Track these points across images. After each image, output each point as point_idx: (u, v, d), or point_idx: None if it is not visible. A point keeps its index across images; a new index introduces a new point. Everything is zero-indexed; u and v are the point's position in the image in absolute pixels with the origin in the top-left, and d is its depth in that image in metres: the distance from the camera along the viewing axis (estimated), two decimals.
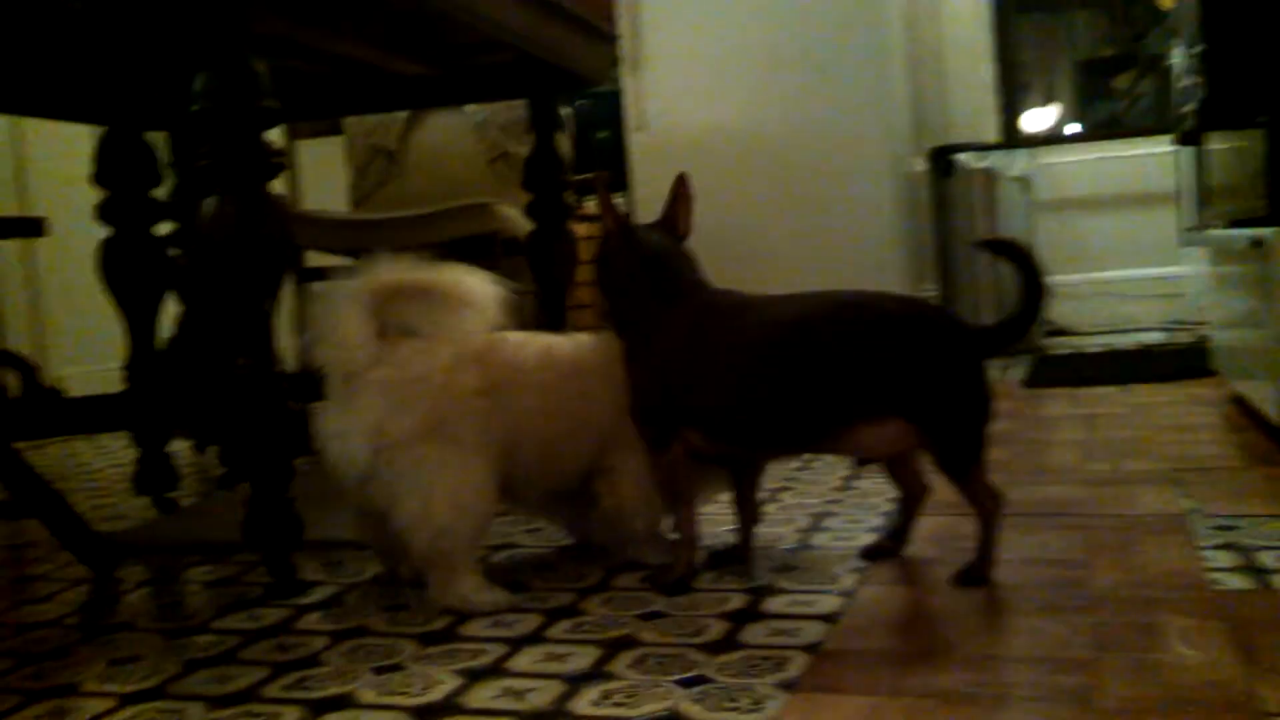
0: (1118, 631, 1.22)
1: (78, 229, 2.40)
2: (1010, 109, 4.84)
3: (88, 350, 3.74)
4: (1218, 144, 2.61)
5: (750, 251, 3.73)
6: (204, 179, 1.57)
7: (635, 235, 1.63)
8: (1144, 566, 1.44)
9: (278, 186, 1.63)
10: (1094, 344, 4.16)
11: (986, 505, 1.44)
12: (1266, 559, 1.43)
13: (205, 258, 1.57)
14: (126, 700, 1.23)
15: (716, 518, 1.77)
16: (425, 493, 1.45)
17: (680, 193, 1.67)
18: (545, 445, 1.56)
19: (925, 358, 1.41)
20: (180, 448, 2.79)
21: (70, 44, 1.88)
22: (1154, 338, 4.19)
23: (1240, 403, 2.57)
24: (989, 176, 4.03)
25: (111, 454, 3.26)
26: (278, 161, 1.59)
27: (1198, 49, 2.42)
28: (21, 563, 1.98)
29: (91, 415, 2.06)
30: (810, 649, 1.23)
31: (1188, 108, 2.65)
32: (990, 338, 1.46)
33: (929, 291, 4.10)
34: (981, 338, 1.46)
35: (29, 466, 1.79)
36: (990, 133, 4.69)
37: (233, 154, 1.55)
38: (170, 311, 2.42)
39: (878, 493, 1.94)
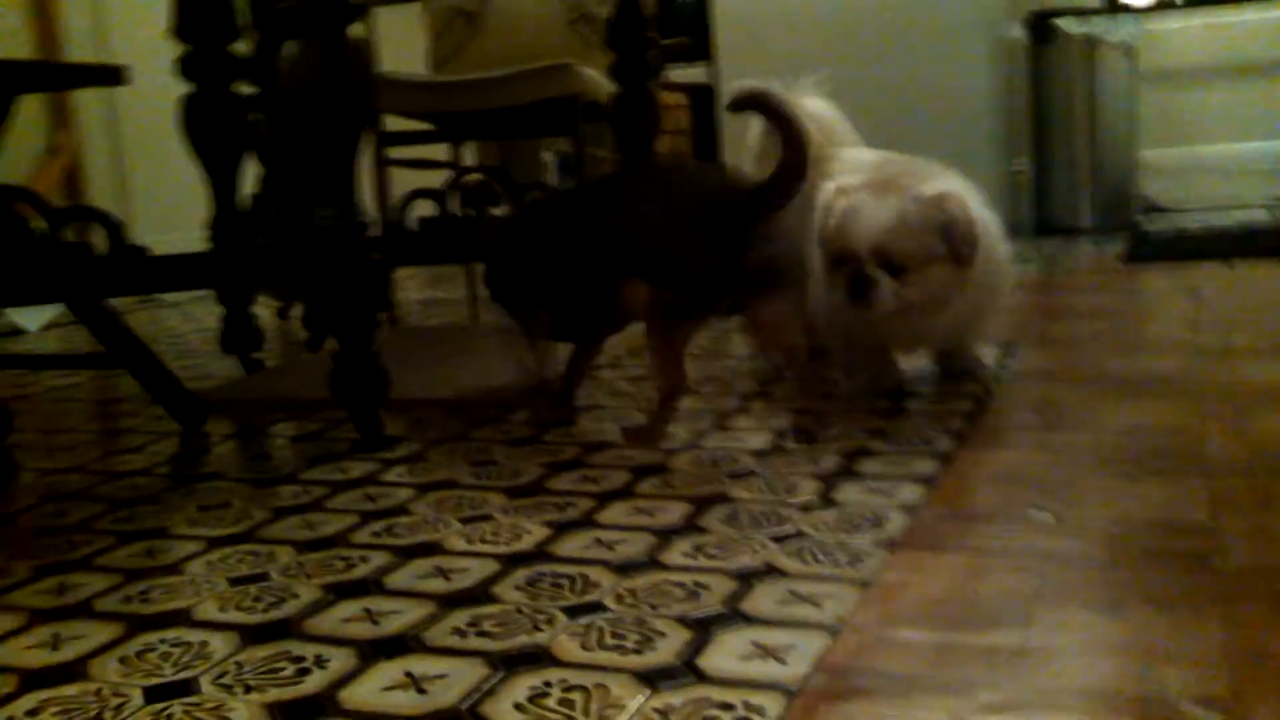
0: (1236, 497, 1.16)
1: (160, 84, 2.36)
2: None
3: (172, 218, 3.75)
4: None
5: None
6: (284, 22, 1.52)
7: None
8: (1261, 435, 1.37)
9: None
10: (1194, 221, 3.99)
11: (672, 379, 1.47)
12: None
13: (286, 105, 1.53)
14: (215, 543, 1.24)
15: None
16: None
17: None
18: None
19: (656, 226, 1.44)
20: (265, 313, 2.80)
21: None
22: (1258, 215, 4.00)
23: None
24: (1091, 43, 3.84)
25: (197, 320, 3.29)
26: (359, 3, 1.53)
27: None
28: (113, 415, 2.01)
29: (177, 273, 2.05)
30: (908, 509, 1.19)
31: None
32: (753, 198, 1.41)
33: (1021, 167, 3.94)
34: (739, 200, 1.42)
35: (121, 321, 1.79)
36: None
37: None
38: (253, 173, 2.40)
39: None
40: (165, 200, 3.73)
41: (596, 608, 0.99)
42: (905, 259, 1.53)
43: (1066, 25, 3.83)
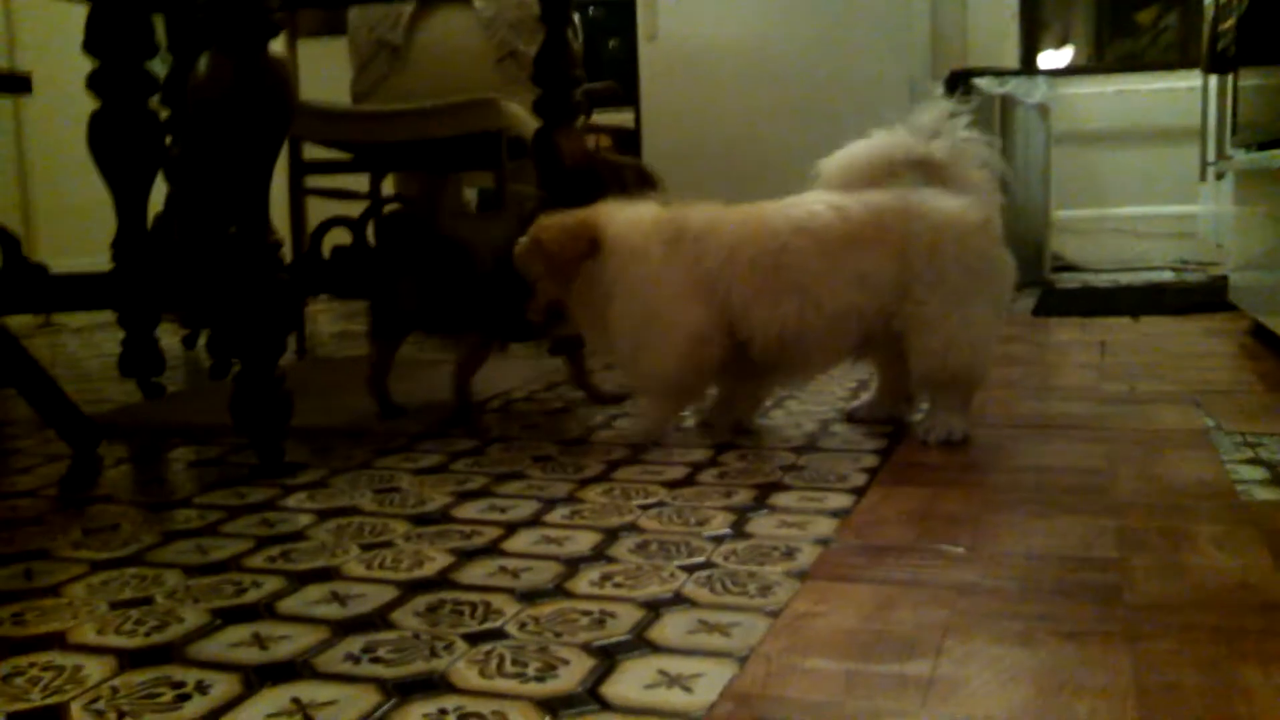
0: (1145, 534, 1.16)
1: (68, 98, 2.29)
2: (1031, 36, 4.72)
3: (78, 238, 3.64)
4: (1253, 70, 2.52)
5: (756, 168, 3.63)
6: (199, 38, 1.48)
7: None
8: (1168, 476, 1.39)
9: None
10: (1103, 280, 4.09)
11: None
12: None
13: (198, 120, 1.48)
14: (99, 566, 1.18)
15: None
16: None
17: None
18: None
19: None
20: (169, 343, 2.72)
21: None
22: (1164, 276, 4.12)
23: (1259, 334, 2.51)
24: (1007, 104, 3.93)
25: (97, 346, 3.19)
26: (278, 21, 1.50)
27: None
28: (2, 438, 1.92)
29: (77, 292, 1.99)
30: (821, 541, 1.18)
31: (1226, 24, 2.55)
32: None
33: None
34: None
35: (13, 338, 1.72)
36: (1010, 59, 4.57)
37: (231, 8, 1.46)
38: (161, 193, 2.34)
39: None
40: (70, 219, 3.62)
41: (498, 635, 0.95)
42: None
43: (985, 85, 3.92)
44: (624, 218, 1.66)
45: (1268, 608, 0.96)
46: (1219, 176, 3.22)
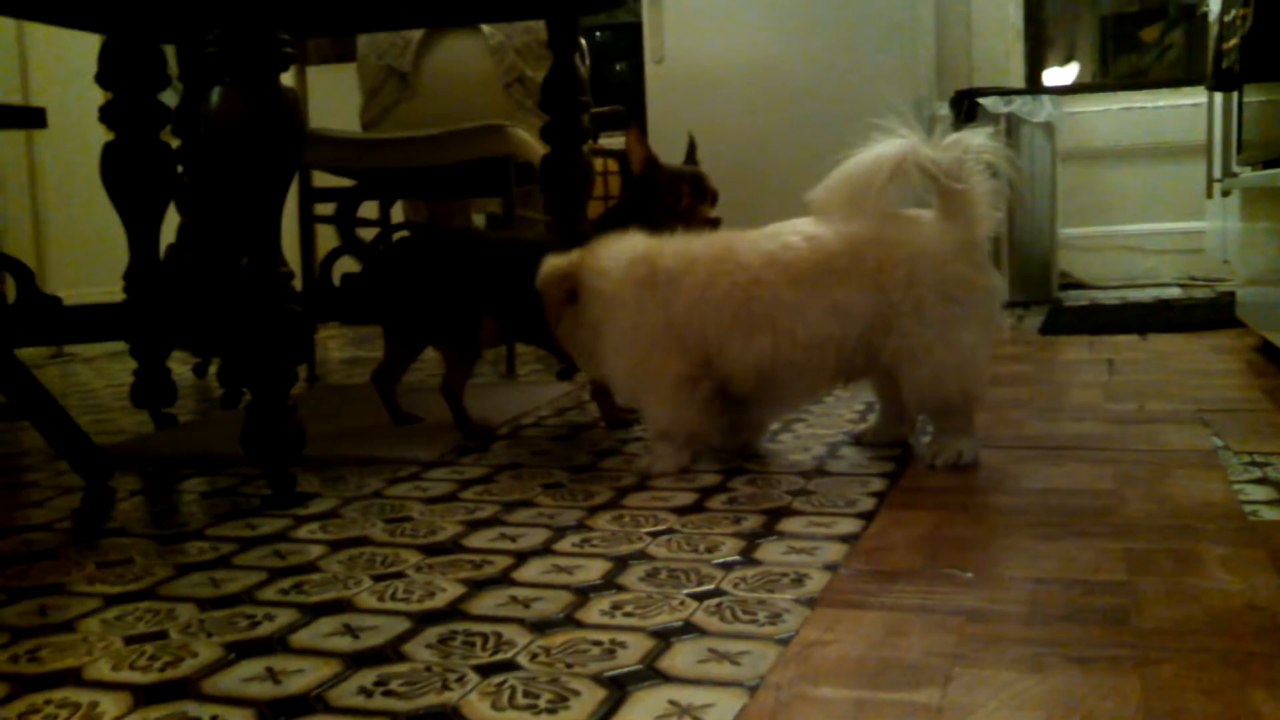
0: (1153, 557, 1.17)
1: (81, 130, 2.31)
2: (1036, 54, 4.74)
3: (91, 270, 3.67)
4: (1258, 87, 2.53)
5: (763, 190, 3.65)
6: (211, 69, 1.50)
7: None
8: (1176, 497, 1.39)
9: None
10: (1110, 297, 4.09)
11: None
12: None
13: (210, 152, 1.50)
14: (113, 600, 1.19)
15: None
16: None
17: None
18: None
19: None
20: (181, 371, 2.74)
21: None
22: (1171, 293, 4.12)
23: (1266, 351, 2.51)
24: (1013, 123, 3.94)
25: (110, 375, 3.21)
26: (289, 52, 1.52)
27: None
28: (15, 469, 1.93)
29: (90, 324, 2.00)
30: (830, 567, 1.18)
31: (1230, 42, 2.56)
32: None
33: None
34: None
35: (28, 371, 1.73)
36: (1015, 78, 4.59)
37: (243, 40, 1.48)
38: (173, 225, 2.36)
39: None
40: (82, 251, 3.65)
41: (510, 666, 0.96)
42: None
43: (991, 105, 3.93)
44: (602, 263, 1.68)
45: (1275, 630, 0.96)
46: (1225, 193, 3.23)
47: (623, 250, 1.69)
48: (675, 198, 1.97)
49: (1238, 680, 0.87)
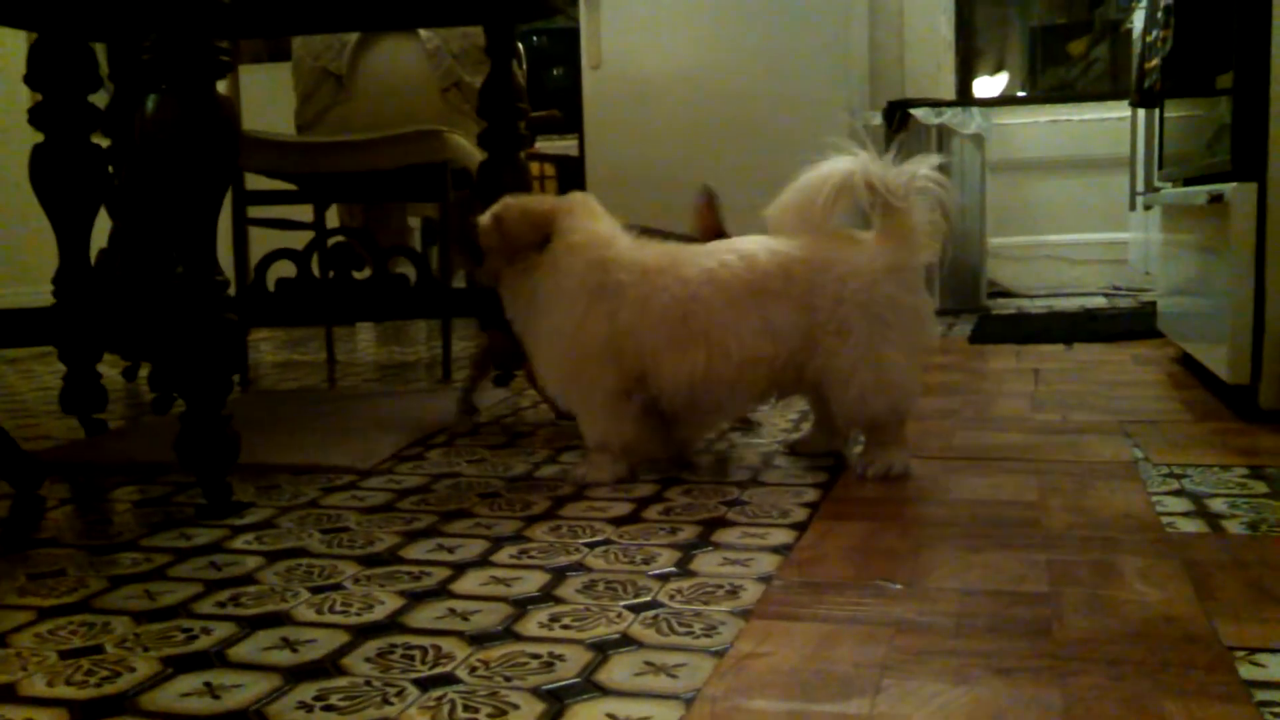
0: (1075, 568, 1.21)
1: (10, 133, 2.28)
2: (966, 66, 4.83)
3: (17, 274, 3.60)
4: (1179, 103, 2.61)
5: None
6: (147, 74, 1.48)
7: None
8: (1098, 509, 1.43)
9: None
10: (1037, 305, 4.19)
11: None
12: (1218, 505, 1.43)
13: (145, 159, 1.49)
14: (46, 614, 1.17)
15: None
16: None
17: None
18: None
19: None
20: (110, 375, 2.70)
21: None
22: (1096, 302, 4.22)
23: (1186, 362, 2.59)
24: (944, 134, 4.02)
25: (38, 378, 3.15)
26: (226, 60, 1.51)
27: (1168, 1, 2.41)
28: None
29: (18, 327, 1.97)
30: (764, 579, 1.21)
31: (1151, 63, 2.64)
32: None
33: None
34: None
35: None
36: (946, 90, 4.67)
37: (179, 48, 1.47)
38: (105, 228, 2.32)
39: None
40: (12, 254, 3.57)
41: (449, 680, 0.97)
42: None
43: (922, 116, 4.00)
44: (579, 236, 1.66)
45: (1190, 640, 1.00)
46: (1148, 207, 3.32)
47: (593, 237, 1.67)
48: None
49: (1153, 689, 0.90)
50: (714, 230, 1.93)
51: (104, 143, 2.28)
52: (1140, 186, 3.48)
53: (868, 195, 1.59)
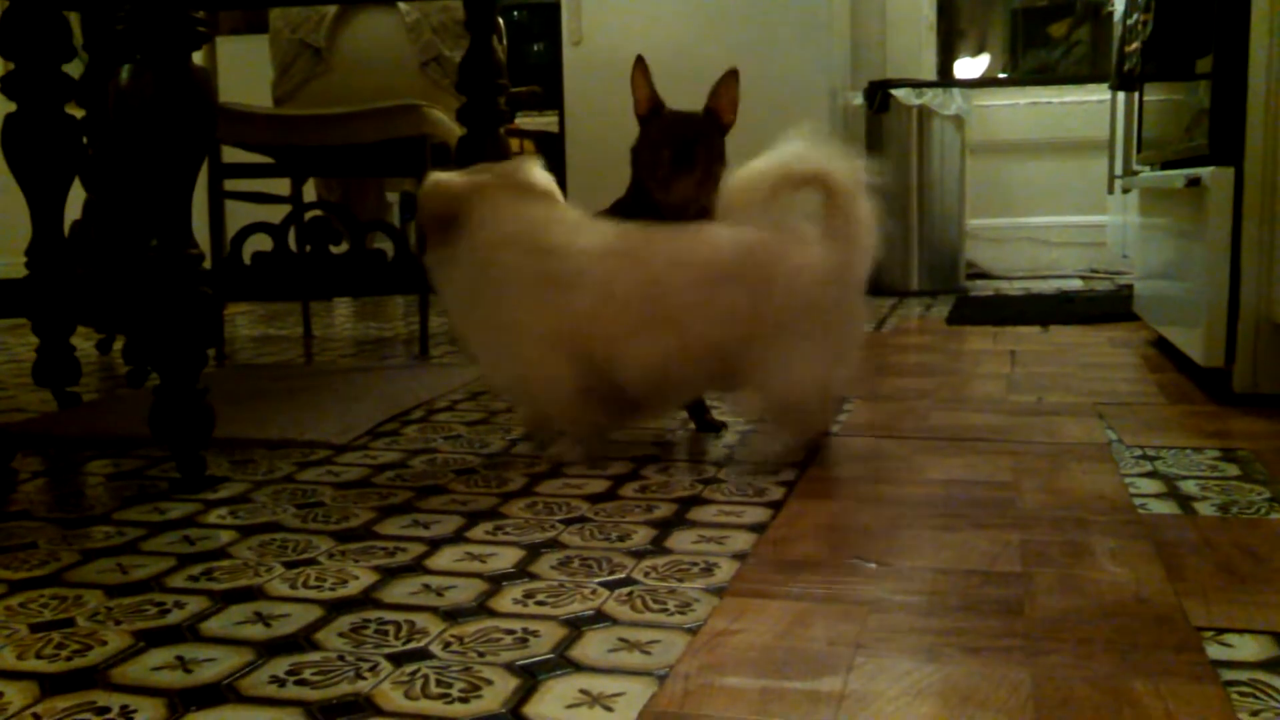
0: (1047, 549, 1.22)
1: None
2: (947, 47, 4.83)
3: None
4: (1158, 87, 2.62)
5: None
6: (122, 45, 1.47)
7: None
8: (1071, 490, 1.44)
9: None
10: (1015, 288, 4.20)
11: None
12: (1190, 486, 1.44)
13: (120, 130, 1.47)
14: (17, 587, 1.17)
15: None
16: None
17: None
18: None
19: None
20: (84, 348, 2.68)
21: None
22: (1073, 284, 4.24)
23: (1160, 345, 2.61)
24: (924, 115, 4.02)
25: (9, 350, 3.12)
26: (203, 31, 1.49)
27: None
28: None
29: None
30: (738, 557, 1.21)
31: (1131, 46, 2.65)
32: None
33: None
34: None
35: None
36: (927, 70, 4.67)
37: (154, 17, 1.45)
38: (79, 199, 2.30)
39: None
40: None
41: (422, 655, 0.97)
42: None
43: (903, 96, 4.00)
44: (509, 225, 1.60)
45: (1159, 620, 1.01)
46: (1126, 190, 3.34)
47: (523, 231, 1.61)
48: (652, 166, 1.74)
49: (1121, 668, 0.91)
50: (650, 100, 1.86)
51: (78, 113, 2.26)
52: (1119, 170, 3.49)
53: (814, 186, 1.55)
